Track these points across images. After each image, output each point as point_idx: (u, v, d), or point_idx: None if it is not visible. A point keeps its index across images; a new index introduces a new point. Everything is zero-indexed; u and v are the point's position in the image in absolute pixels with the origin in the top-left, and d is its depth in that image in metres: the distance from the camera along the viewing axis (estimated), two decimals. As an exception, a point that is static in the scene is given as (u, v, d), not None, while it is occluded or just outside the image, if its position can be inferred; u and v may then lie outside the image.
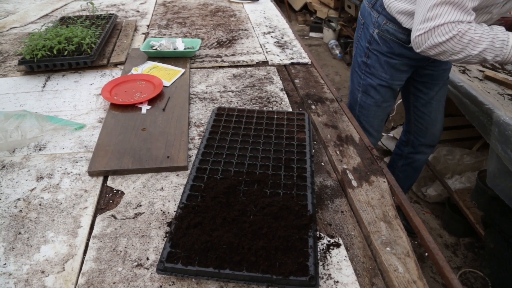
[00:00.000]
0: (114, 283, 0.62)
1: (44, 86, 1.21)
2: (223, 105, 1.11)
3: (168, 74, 1.25)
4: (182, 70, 1.28)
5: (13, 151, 0.92)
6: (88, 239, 0.70)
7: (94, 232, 0.71)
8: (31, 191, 0.81)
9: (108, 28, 1.53)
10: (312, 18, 4.86)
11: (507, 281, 1.50)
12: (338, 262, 0.66)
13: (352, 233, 0.72)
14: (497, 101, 1.39)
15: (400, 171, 1.75)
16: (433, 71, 1.40)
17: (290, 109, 1.11)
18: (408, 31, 1.19)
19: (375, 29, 1.31)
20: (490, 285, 1.69)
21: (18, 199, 0.79)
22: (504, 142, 1.29)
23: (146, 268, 0.64)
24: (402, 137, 1.73)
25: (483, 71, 1.61)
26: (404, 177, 1.77)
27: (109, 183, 0.83)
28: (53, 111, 1.08)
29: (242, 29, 1.70)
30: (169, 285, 0.61)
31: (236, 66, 1.36)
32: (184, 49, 1.40)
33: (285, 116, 1.00)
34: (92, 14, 1.73)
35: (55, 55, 1.27)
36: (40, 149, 0.93)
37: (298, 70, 1.36)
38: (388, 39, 1.28)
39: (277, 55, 1.45)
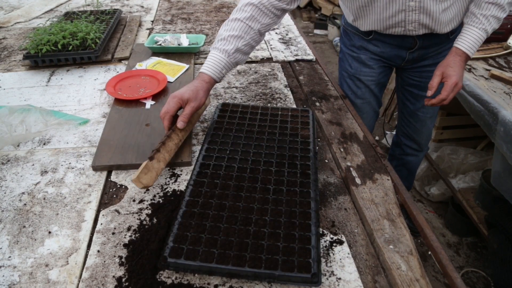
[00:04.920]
0: (117, 277, 0.62)
1: (48, 81, 1.22)
2: (227, 101, 1.11)
3: (172, 69, 1.25)
4: (187, 66, 1.28)
5: (18, 145, 0.93)
6: (92, 233, 0.70)
7: (98, 226, 0.71)
8: (36, 185, 0.81)
9: (113, 23, 1.53)
10: (316, 15, 4.83)
11: (510, 281, 1.49)
12: (341, 259, 0.66)
13: (355, 230, 0.72)
14: (503, 100, 1.38)
15: (396, 172, 1.74)
16: (419, 82, 1.33)
17: (294, 106, 1.10)
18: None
19: (342, 23, 1.36)
20: (492, 285, 1.68)
21: (23, 193, 0.79)
22: (509, 142, 1.28)
23: (149, 263, 0.64)
24: (393, 138, 1.73)
25: (489, 70, 1.59)
26: (400, 177, 1.76)
27: (113, 178, 0.83)
28: (58, 105, 1.09)
29: (247, 26, 1.69)
30: (172, 280, 0.61)
31: (240, 63, 1.36)
32: (189, 44, 1.40)
33: (289, 113, 1.00)
34: (96, 9, 1.73)
35: (60, 50, 1.27)
36: (44, 144, 0.93)
37: (302, 67, 1.35)
38: (349, 32, 1.30)
39: (282, 51, 1.44)
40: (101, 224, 0.72)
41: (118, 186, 0.81)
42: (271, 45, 1.49)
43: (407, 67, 1.31)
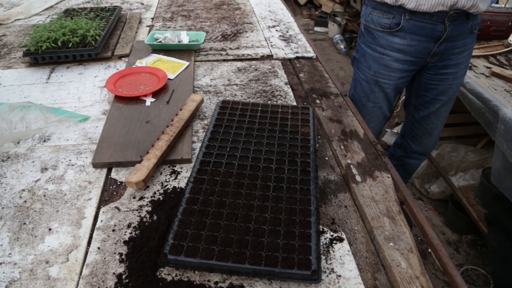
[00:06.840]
0: (117, 274, 0.62)
1: (48, 78, 1.21)
2: (227, 99, 1.11)
3: (172, 67, 1.25)
4: (187, 63, 1.27)
5: (18, 142, 0.93)
6: (92, 230, 0.70)
7: (98, 223, 0.71)
8: (36, 182, 0.81)
9: (113, 20, 1.52)
10: (317, 13, 4.82)
11: (509, 279, 1.50)
12: (341, 256, 0.66)
13: (356, 228, 0.72)
14: (503, 98, 1.38)
15: None
16: (437, 86, 1.32)
17: (295, 103, 1.10)
18: (391, 15, 1.18)
19: (362, 22, 1.32)
20: (492, 283, 1.68)
21: (23, 190, 0.79)
22: (510, 140, 1.28)
23: (150, 260, 0.64)
24: (397, 139, 1.71)
25: (490, 68, 1.59)
26: None
27: (113, 175, 0.83)
28: (58, 103, 1.09)
29: (247, 23, 1.69)
30: (172, 277, 0.61)
31: (241, 60, 1.36)
32: (189, 42, 1.40)
33: (290, 110, 0.99)
34: (96, 6, 1.72)
35: (60, 47, 1.26)
36: (44, 141, 0.93)
37: (303, 64, 1.35)
38: (372, 29, 1.27)
39: (282, 49, 1.44)
40: (101, 221, 0.72)
41: (118, 183, 0.81)
42: (271, 42, 1.49)
43: (431, 64, 1.27)
